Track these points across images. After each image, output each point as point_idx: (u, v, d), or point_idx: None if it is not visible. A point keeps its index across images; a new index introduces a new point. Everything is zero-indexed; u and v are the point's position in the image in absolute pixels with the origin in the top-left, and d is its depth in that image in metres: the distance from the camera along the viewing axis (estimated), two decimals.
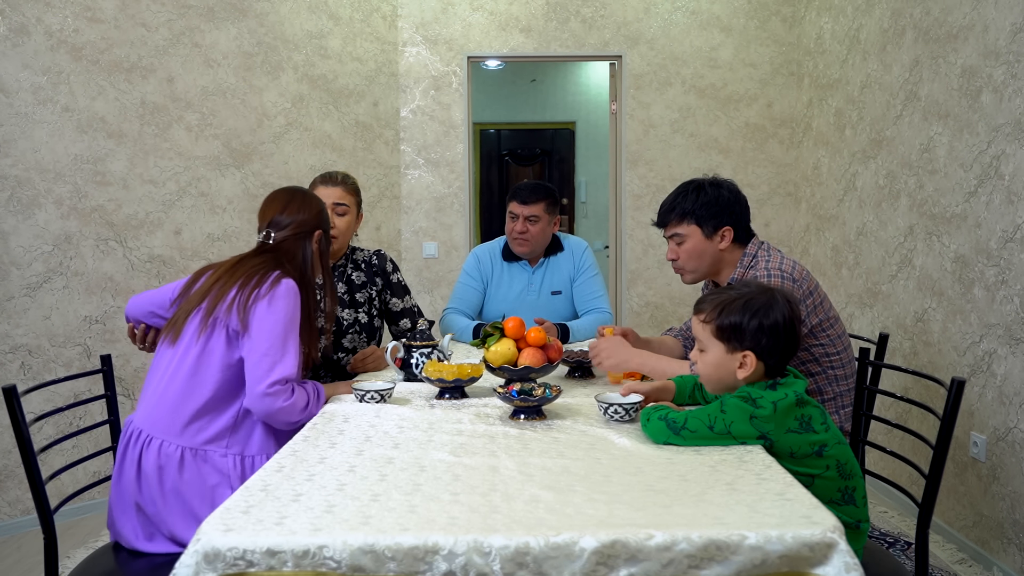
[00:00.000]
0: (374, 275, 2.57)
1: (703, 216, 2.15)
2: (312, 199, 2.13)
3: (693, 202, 2.16)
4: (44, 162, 3.22)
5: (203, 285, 1.94)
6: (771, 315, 1.58)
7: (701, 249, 2.17)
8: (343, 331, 2.49)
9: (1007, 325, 2.73)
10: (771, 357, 1.59)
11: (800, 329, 1.63)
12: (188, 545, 1.14)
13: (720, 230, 2.16)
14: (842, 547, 1.13)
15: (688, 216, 2.16)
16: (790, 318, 1.59)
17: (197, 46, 3.69)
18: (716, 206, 2.15)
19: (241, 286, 1.90)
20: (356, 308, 2.52)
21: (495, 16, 4.73)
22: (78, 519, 3.28)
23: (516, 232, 2.92)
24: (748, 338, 1.58)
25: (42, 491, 1.74)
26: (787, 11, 4.73)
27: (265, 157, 3.99)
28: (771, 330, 1.58)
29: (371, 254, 2.60)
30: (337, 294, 2.50)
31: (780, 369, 1.61)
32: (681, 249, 2.19)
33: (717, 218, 2.15)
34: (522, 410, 1.78)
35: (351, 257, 2.58)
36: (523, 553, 1.11)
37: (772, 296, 1.61)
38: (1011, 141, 2.71)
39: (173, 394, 1.87)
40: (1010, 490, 2.72)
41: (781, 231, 4.79)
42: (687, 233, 2.17)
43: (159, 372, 1.93)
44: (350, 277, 2.55)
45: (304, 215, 2.08)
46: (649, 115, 4.77)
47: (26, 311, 3.18)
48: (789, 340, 1.59)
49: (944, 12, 3.14)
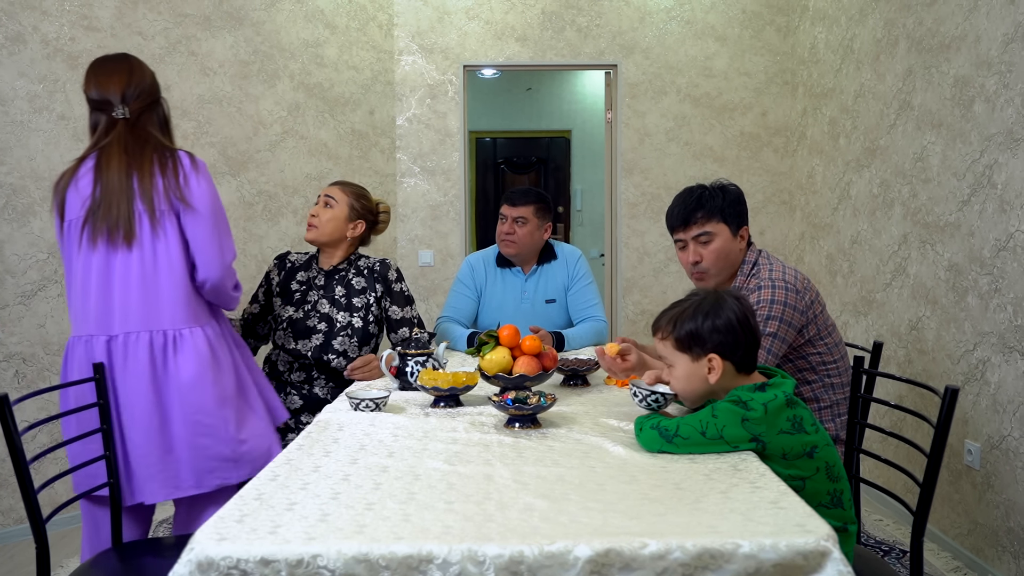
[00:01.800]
0: (375, 281, 2.59)
1: (731, 214, 2.12)
2: (142, 64, 2.10)
3: (722, 200, 2.12)
4: (40, 170, 3.22)
5: (111, 185, 1.95)
6: (722, 314, 1.62)
7: (728, 249, 2.13)
8: (334, 332, 2.51)
9: (1000, 333, 2.74)
10: (735, 353, 1.63)
11: (755, 321, 1.66)
12: (183, 553, 1.14)
13: (741, 230, 2.15)
14: (836, 555, 1.13)
15: (718, 214, 2.11)
16: (742, 312, 1.63)
17: (193, 55, 3.70)
18: (739, 204, 2.14)
19: (161, 171, 1.96)
20: (351, 312, 2.54)
21: (491, 25, 4.74)
22: (72, 528, 3.26)
23: (503, 233, 2.95)
24: (708, 341, 1.62)
25: (34, 500, 1.73)
26: (781, 21, 4.76)
27: (261, 165, 3.99)
28: (726, 328, 1.61)
29: (375, 261, 2.63)
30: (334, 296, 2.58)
31: (749, 364, 1.65)
32: (708, 249, 2.13)
33: (740, 217, 2.13)
34: (517, 418, 1.78)
35: (354, 263, 2.62)
36: (517, 562, 1.11)
37: (719, 296, 1.65)
38: (1003, 150, 2.73)
39: (163, 290, 1.96)
40: (1004, 498, 2.72)
41: (776, 239, 4.81)
42: (716, 232, 2.12)
43: (122, 276, 1.95)
44: (350, 281, 2.58)
45: (147, 81, 2.07)
46: (644, 124, 4.79)
47: (20, 319, 3.18)
48: (747, 333, 1.62)
49: (937, 22, 3.16)
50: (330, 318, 2.52)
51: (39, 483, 1.81)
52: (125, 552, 1.95)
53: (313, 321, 2.52)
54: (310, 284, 2.59)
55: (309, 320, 2.52)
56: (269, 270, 2.66)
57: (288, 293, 2.58)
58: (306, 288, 2.58)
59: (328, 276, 2.59)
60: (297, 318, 2.53)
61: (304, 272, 2.61)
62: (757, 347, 1.67)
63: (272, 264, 2.67)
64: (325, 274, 2.59)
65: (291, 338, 2.52)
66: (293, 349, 2.52)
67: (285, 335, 2.53)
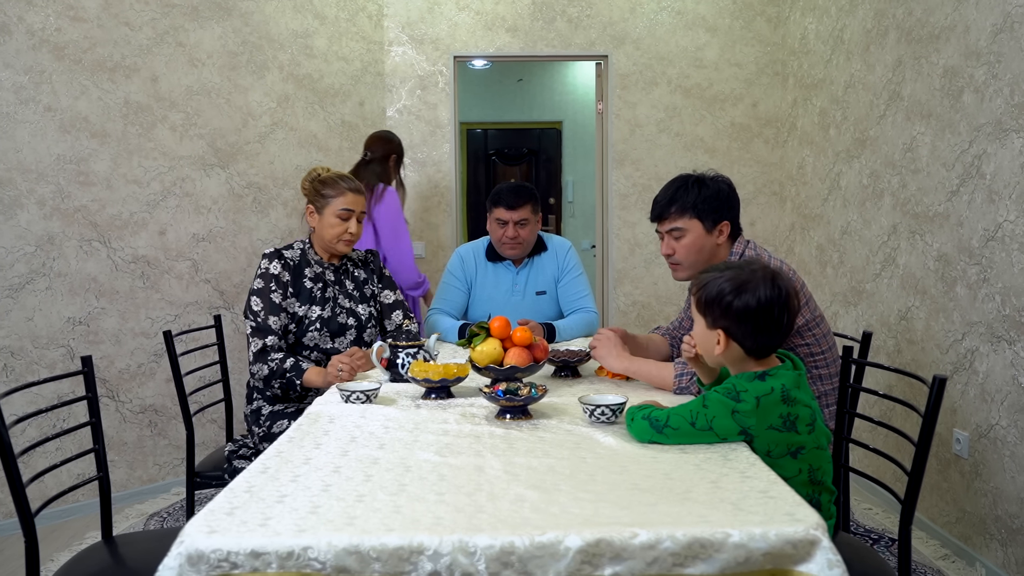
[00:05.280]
0: (371, 272, 2.63)
1: (704, 210, 2.13)
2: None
3: (695, 196, 2.13)
4: (26, 162, 3.19)
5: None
6: (744, 296, 1.55)
7: (701, 244, 2.15)
8: (363, 325, 2.53)
9: (989, 323, 2.75)
10: (744, 340, 1.58)
11: (785, 315, 1.57)
12: (172, 546, 1.14)
13: (719, 224, 2.15)
14: (825, 544, 1.14)
15: (690, 210, 2.14)
16: (771, 299, 1.54)
17: (181, 45, 3.67)
18: (717, 200, 2.14)
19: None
20: (367, 303, 2.57)
21: (481, 16, 4.72)
22: (62, 522, 3.25)
23: (508, 238, 2.92)
24: (720, 317, 1.58)
25: (22, 494, 1.72)
26: (772, 11, 4.75)
27: (250, 157, 3.97)
28: (741, 312, 1.55)
29: (364, 252, 2.66)
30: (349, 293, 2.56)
31: (763, 352, 1.59)
32: (679, 244, 2.16)
33: (718, 212, 2.14)
34: (508, 410, 1.79)
35: (348, 256, 2.61)
36: (508, 552, 1.11)
37: (753, 277, 1.57)
38: (992, 141, 2.73)
39: None
40: (992, 486, 2.74)
41: (766, 230, 4.82)
42: (688, 227, 2.15)
43: None
44: (353, 275, 2.59)
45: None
46: (635, 115, 4.79)
47: (8, 313, 3.15)
48: (767, 321, 1.55)
49: (926, 13, 3.16)
50: (354, 312, 2.53)
51: (28, 477, 1.80)
52: (115, 545, 1.95)
53: (343, 317, 2.50)
54: (324, 280, 2.51)
55: (339, 317, 2.49)
56: (276, 274, 2.42)
57: (305, 292, 2.47)
58: (323, 285, 2.50)
59: (336, 271, 2.56)
60: (328, 317, 2.47)
61: (310, 269, 2.50)
62: (781, 336, 1.58)
63: (275, 266, 2.44)
64: (334, 269, 2.56)
65: (327, 337, 2.47)
66: (330, 348, 2.47)
67: (320, 335, 2.45)
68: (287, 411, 2.44)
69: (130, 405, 3.55)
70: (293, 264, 2.49)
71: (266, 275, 2.42)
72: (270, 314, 2.37)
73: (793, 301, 1.59)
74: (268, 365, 2.31)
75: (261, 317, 2.36)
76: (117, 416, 3.51)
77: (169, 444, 3.69)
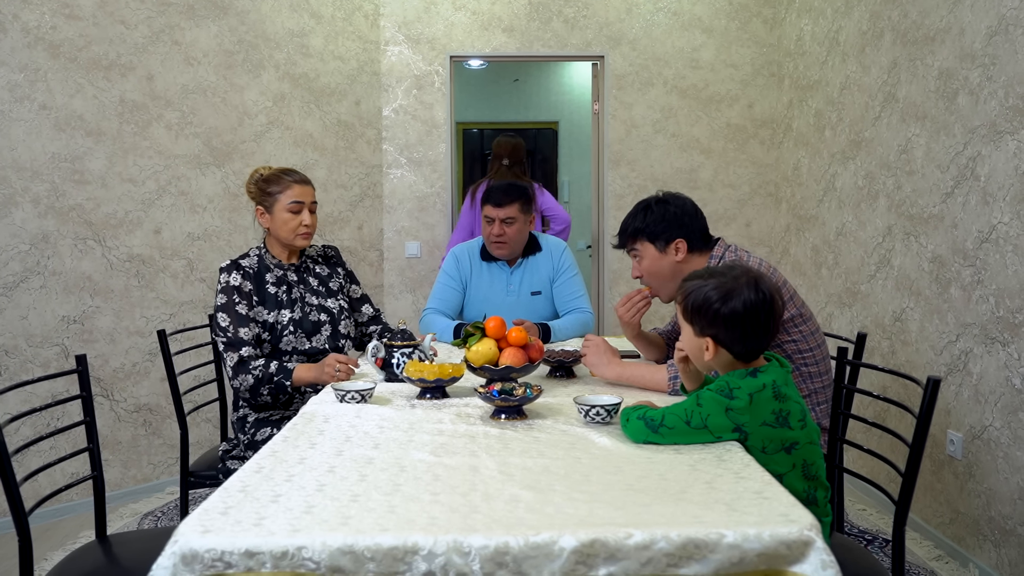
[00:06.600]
0: (334, 265, 2.62)
1: (654, 232, 2.24)
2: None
3: (643, 221, 2.26)
4: (21, 160, 3.18)
5: None
6: (729, 304, 1.56)
7: (658, 265, 2.26)
8: (337, 319, 2.51)
9: (983, 324, 2.76)
10: (732, 345, 1.59)
11: (771, 319, 1.58)
12: (166, 546, 1.13)
13: (672, 243, 2.24)
14: (819, 545, 1.14)
15: (640, 234, 2.26)
16: (756, 302, 1.55)
17: (177, 44, 3.66)
18: (664, 222, 2.24)
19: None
20: (335, 297, 2.55)
21: (477, 16, 4.72)
22: (56, 521, 3.24)
23: (494, 236, 2.93)
24: (708, 325, 1.59)
25: (16, 493, 1.72)
26: (768, 13, 4.76)
27: (246, 156, 3.96)
28: (728, 319, 1.56)
29: (322, 247, 2.64)
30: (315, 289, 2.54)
31: (751, 356, 1.60)
32: (640, 266, 2.30)
33: (667, 232, 2.23)
34: (503, 410, 1.79)
35: (306, 252, 2.58)
36: (503, 553, 1.11)
37: (737, 282, 1.57)
38: (987, 143, 2.74)
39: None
40: (986, 487, 2.75)
41: (762, 231, 4.82)
42: (642, 251, 2.27)
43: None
44: (316, 271, 2.57)
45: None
46: (631, 115, 4.79)
47: (2, 311, 3.14)
48: (754, 325, 1.56)
49: (921, 15, 3.17)
50: (325, 308, 2.50)
51: (21, 476, 1.79)
52: (109, 544, 1.94)
53: (314, 315, 2.47)
54: (287, 282, 2.48)
55: (311, 316, 2.46)
56: (237, 286, 2.36)
57: (270, 298, 2.42)
58: (287, 287, 2.47)
59: (298, 270, 2.52)
60: (299, 318, 2.44)
61: (271, 273, 2.46)
62: (768, 337, 1.59)
63: (235, 278, 2.37)
64: (295, 269, 2.52)
65: (304, 338, 2.43)
66: (308, 348, 2.44)
67: (296, 338, 2.41)
68: (272, 418, 2.42)
69: (124, 404, 3.54)
70: (253, 272, 2.42)
71: (227, 288, 2.35)
72: (239, 326, 2.31)
73: (778, 303, 1.61)
74: (252, 374, 2.26)
75: (231, 332, 2.29)
76: (111, 415, 3.50)
77: (163, 443, 3.68)
